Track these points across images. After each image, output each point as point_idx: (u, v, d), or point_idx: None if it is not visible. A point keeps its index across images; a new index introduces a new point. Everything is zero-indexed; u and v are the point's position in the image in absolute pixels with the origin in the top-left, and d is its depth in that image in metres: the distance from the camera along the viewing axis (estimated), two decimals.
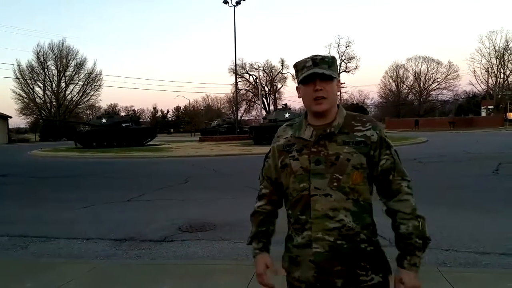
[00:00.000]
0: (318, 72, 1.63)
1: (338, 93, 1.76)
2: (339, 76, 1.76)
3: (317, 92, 1.65)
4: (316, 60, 1.67)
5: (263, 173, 1.92)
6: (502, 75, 65.70)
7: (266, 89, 76.57)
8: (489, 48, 64.78)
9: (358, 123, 1.69)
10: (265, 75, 75.77)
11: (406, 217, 1.64)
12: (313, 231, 1.65)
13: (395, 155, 1.70)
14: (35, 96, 66.64)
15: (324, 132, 1.67)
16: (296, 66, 1.74)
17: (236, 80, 51.42)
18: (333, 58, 1.72)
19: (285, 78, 75.86)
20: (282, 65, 74.38)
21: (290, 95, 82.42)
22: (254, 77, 72.55)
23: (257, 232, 1.89)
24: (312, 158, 1.66)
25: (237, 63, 49.18)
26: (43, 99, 67.46)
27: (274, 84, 77.01)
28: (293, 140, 1.74)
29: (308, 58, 1.70)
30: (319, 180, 1.64)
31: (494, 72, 65.61)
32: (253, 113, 79.04)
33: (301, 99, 1.73)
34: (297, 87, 1.76)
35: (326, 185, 1.63)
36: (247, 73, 74.30)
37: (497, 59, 64.50)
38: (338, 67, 1.68)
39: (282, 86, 77.47)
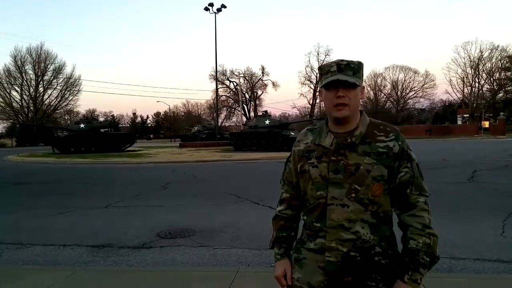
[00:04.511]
0: (341, 80, 1.57)
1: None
2: (363, 83, 1.69)
3: (339, 98, 1.59)
4: (341, 66, 1.59)
5: (284, 177, 1.88)
6: (477, 85, 67.75)
7: (247, 96, 76.70)
8: (464, 58, 66.91)
9: (381, 132, 1.64)
10: (245, 82, 76.01)
11: (418, 233, 1.58)
12: (327, 240, 1.62)
13: (415, 169, 1.63)
14: (12, 100, 65.41)
15: (345, 141, 1.62)
16: (320, 69, 1.68)
17: (216, 86, 51.49)
18: (360, 64, 1.64)
19: (266, 85, 76.35)
20: (262, 72, 74.90)
21: (270, 102, 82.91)
22: (235, 84, 72.73)
23: (279, 237, 1.87)
24: (331, 166, 1.62)
25: (217, 69, 49.29)
26: (20, 103, 66.20)
27: (254, 91, 77.19)
28: (313, 147, 1.70)
29: (333, 62, 1.63)
30: (336, 189, 1.61)
31: (469, 82, 67.56)
32: (234, 119, 79.21)
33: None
34: (319, 90, 1.70)
35: (344, 195, 1.60)
36: (228, 79, 74.47)
37: (472, 69, 66.45)
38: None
39: (262, 93, 77.85)
